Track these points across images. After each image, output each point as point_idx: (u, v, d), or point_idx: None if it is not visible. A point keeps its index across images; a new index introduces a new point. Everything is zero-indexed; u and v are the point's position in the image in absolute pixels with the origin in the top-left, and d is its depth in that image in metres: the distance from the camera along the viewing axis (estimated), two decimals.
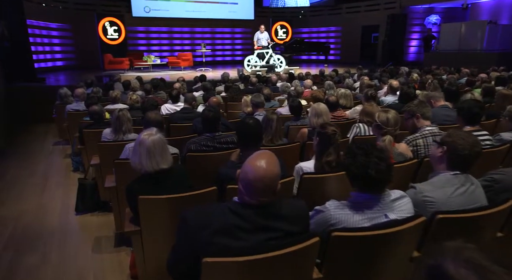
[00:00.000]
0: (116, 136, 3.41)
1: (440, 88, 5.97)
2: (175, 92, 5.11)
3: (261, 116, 3.95)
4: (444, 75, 8.69)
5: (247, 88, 7.39)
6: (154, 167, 1.95)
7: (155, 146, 1.95)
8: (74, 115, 5.37)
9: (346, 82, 7.33)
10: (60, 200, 4.07)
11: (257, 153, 1.39)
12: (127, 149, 2.76)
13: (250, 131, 2.15)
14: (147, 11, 15.75)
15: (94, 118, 4.14)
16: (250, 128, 2.15)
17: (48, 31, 13.27)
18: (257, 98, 4.01)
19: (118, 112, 3.30)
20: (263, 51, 12.85)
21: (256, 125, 2.18)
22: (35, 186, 4.52)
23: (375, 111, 3.38)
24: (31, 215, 3.72)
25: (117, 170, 2.72)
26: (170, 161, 2.02)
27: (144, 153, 1.93)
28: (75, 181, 4.64)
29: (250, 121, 2.17)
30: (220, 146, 2.92)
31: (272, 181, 1.32)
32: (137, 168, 1.97)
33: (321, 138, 2.30)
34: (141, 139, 1.95)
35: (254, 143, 2.17)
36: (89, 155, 4.02)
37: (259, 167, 1.31)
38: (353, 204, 1.50)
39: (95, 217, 3.63)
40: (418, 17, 15.56)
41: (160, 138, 1.99)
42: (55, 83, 10.23)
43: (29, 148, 6.21)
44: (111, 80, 8.05)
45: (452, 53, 13.08)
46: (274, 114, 3.06)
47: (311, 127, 3.32)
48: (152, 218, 1.99)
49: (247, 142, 2.16)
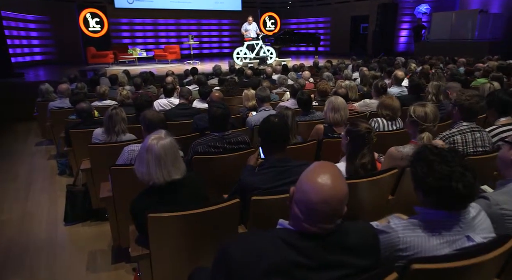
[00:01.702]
0: (108, 137, 3.04)
1: (444, 78, 5.76)
2: (170, 86, 4.73)
3: (267, 111, 3.65)
4: (441, 65, 8.52)
5: (242, 81, 7.04)
6: (165, 178, 1.61)
7: (165, 153, 1.61)
8: (58, 113, 4.93)
9: (345, 74, 7.07)
10: (46, 208, 3.68)
11: (316, 166, 1.08)
12: (125, 153, 2.40)
13: (276, 131, 1.83)
14: (130, 2, 15.09)
15: (82, 117, 3.74)
16: (276, 128, 1.83)
17: (25, 23, 12.52)
18: (262, 92, 3.68)
19: (111, 110, 2.92)
20: (253, 43, 12.46)
21: (283, 125, 1.86)
22: (18, 192, 4.11)
23: (396, 104, 3.13)
24: (14, 227, 3.32)
25: (114, 178, 2.37)
26: (184, 170, 1.69)
27: (153, 162, 1.59)
28: (62, 186, 4.26)
29: (276, 119, 1.85)
30: (230, 147, 2.59)
31: (341, 203, 1.01)
32: (144, 179, 1.63)
33: (353, 137, 2.00)
34: (149, 144, 1.60)
35: (281, 145, 1.86)
36: (78, 158, 3.63)
37: (323, 185, 1.00)
38: (425, 223, 1.20)
39: (87, 228, 3.26)
40: (408, 7, 15.38)
41: (171, 142, 1.65)
42: (34, 79, 9.64)
43: (10, 150, 5.73)
44: (96, 75, 7.56)
45: (444, 42, 12.96)
46: (288, 110, 2.74)
47: (327, 123, 3.02)
48: (163, 239, 1.66)
49: (273, 145, 1.84)
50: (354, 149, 1.99)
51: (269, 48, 12.86)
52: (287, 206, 1.79)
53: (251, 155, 2.64)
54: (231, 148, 2.59)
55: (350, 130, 2.03)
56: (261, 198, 1.71)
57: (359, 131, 1.98)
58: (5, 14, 10.44)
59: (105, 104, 5.06)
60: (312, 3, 18.09)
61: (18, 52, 12.01)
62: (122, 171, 2.33)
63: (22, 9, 12.20)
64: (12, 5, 11.42)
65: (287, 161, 1.84)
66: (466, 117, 2.38)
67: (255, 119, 3.59)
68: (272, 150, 1.84)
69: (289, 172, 1.82)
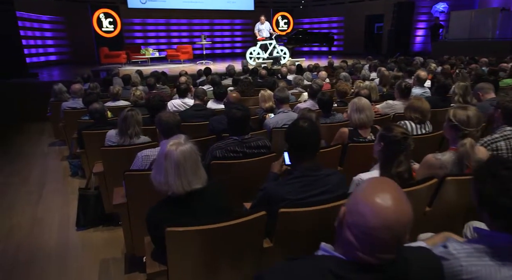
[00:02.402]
0: (122, 140, 2.91)
1: (468, 79, 5.51)
2: (184, 86, 4.60)
3: (286, 113, 3.48)
4: (461, 65, 8.22)
5: (256, 81, 6.88)
6: (185, 188, 1.46)
7: (186, 160, 1.46)
8: (71, 113, 4.84)
9: (362, 74, 6.85)
10: (58, 212, 3.57)
11: (373, 183, 0.90)
12: (139, 158, 2.26)
13: (306, 137, 1.66)
14: (143, 2, 15.08)
15: (95, 118, 3.63)
16: (306, 133, 1.66)
17: (39, 23, 12.60)
18: (281, 92, 3.51)
19: (126, 112, 2.79)
20: (266, 42, 12.29)
21: (313, 130, 1.69)
22: (29, 194, 4.02)
23: (425, 106, 2.93)
24: (24, 232, 3.22)
25: (128, 183, 2.23)
26: (204, 179, 1.54)
27: (172, 170, 1.44)
28: (74, 188, 4.16)
29: (305, 124, 1.68)
30: (250, 151, 2.43)
31: (405, 228, 0.84)
32: (162, 188, 1.48)
33: (387, 143, 1.82)
34: (168, 150, 1.45)
35: (311, 152, 1.69)
36: (91, 161, 3.52)
37: (385, 207, 0.82)
38: (493, 250, 1.02)
39: (99, 233, 3.14)
40: (425, 5, 15.01)
41: (192, 149, 1.50)
42: (48, 79, 9.65)
43: (22, 150, 5.68)
44: (109, 75, 7.49)
45: (462, 42, 12.58)
46: (311, 112, 2.57)
47: (352, 126, 2.84)
48: (183, 254, 1.51)
49: (302, 152, 1.68)
50: (389, 156, 1.81)
51: (282, 48, 12.67)
52: (317, 220, 1.63)
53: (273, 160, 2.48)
54: (251, 152, 2.43)
55: (384, 135, 1.85)
56: (290, 210, 1.55)
57: (395, 136, 1.80)
58: (20, 15, 10.49)
59: (118, 104, 4.97)
60: (325, 3, 17.83)
61: (33, 52, 12.09)
62: (136, 176, 2.20)
63: (37, 9, 12.27)
64: (27, 6, 11.50)
65: (318, 170, 1.67)
66: (510, 121, 2.18)
67: (274, 121, 3.43)
68: (301, 158, 1.67)
69: (320, 182, 1.65)
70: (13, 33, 8.93)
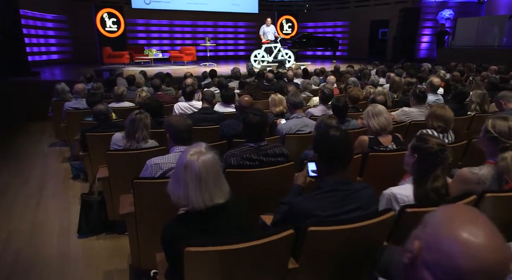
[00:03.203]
0: (128, 143, 2.76)
1: (482, 86, 5.38)
2: (190, 89, 4.45)
3: (300, 119, 3.34)
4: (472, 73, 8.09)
5: (263, 84, 6.75)
6: (206, 202, 1.31)
7: (208, 172, 1.31)
8: (73, 114, 4.70)
9: (371, 79, 6.71)
10: (58, 217, 3.41)
11: (451, 211, 0.75)
12: (149, 167, 2.11)
13: (338, 148, 1.51)
14: (147, 2, 14.98)
15: (99, 119, 3.48)
16: (338, 144, 1.51)
17: (42, 22, 12.48)
18: (295, 97, 3.37)
19: (135, 115, 2.65)
20: (271, 46, 12.15)
21: (346, 140, 1.54)
22: (29, 197, 3.86)
23: (449, 114, 2.80)
24: (23, 238, 3.06)
25: (137, 192, 2.08)
26: (227, 192, 1.39)
27: (193, 183, 1.29)
28: (75, 192, 4.03)
29: (337, 133, 1.53)
30: (267, 159, 2.28)
31: (506, 271, 0.68)
32: (180, 203, 1.33)
33: (423, 156, 1.68)
34: (188, 161, 1.30)
35: (343, 165, 1.54)
36: (94, 164, 3.37)
37: (479, 246, 0.66)
38: None
39: (102, 242, 2.98)
40: (431, 12, 14.93)
41: (214, 159, 1.35)
42: (50, 78, 9.52)
43: (22, 150, 5.53)
44: (112, 75, 7.36)
45: (468, 49, 12.47)
46: (332, 118, 2.43)
47: (371, 133, 2.69)
48: (201, 275, 1.36)
49: (334, 164, 1.53)
50: (425, 169, 1.67)
51: (287, 52, 12.54)
52: (348, 240, 1.48)
53: (291, 169, 2.34)
54: (268, 161, 2.28)
55: (419, 147, 1.71)
56: (321, 229, 1.40)
57: (430, 148, 1.66)
58: (23, 13, 10.37)
59: (123, 105, 4.83)
60: (331, 7, 17.75)
61: (35, 51, 11.96)
62: (146, 185, 2.05)
63: (41, 8, 12.16)
64: (31, 4, 11.38)
65: (350, 184, 1.52)
66: None
67: (287, 127, 3.29)
68: (331, 170, 1.52)
69: (351, 197, 1.50)
70: (16, 31, 8.80)
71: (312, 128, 3.38)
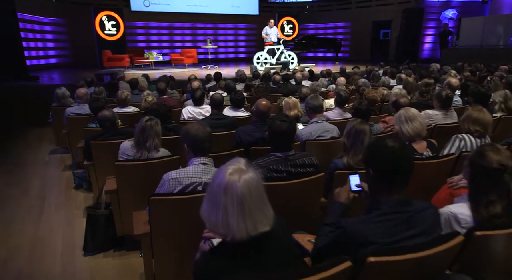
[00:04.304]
0: (138, 153, 2.53)
1: (501, 86, 5.18)
2: (199, 93, 4.22)
3: (320, 123, 3.12)
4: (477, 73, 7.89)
5: (270, 87, 6.52)
6: (249, 231, 1.08)
7: (251, 194, 1.08)
8: (75, 120, 4.47)
9: (382, 81, 6.51)
10: (62, 232, 3.17)
11: None
12: (166, 182, 1.88)
13: (398, 162, 1.28)
14: (146, 5, 14.78)
15: (104, 126, 3.25)
16: (398, 157, 1.27)
17: (41, 25, 12.26)
18: (314, 100, 3.14)
19: (145, 122, 2.42)
20: (274, 47, 11.97)
21: (406, 152, 1.31)
22: (29, 210, 3.62)
23: (487, 118, 2.58)
24: (24, 256, 2.83)
25: (154, 209, 1.85)
26: (271, 218, 1.16)
27: (234, 208, 1.06)
28: (78, 203, 3.80)
29: (396, 144, 1.30)
30: (295, 170, 2.05)
31: None
32: (218, 232, 1.10)
33: (476, 172, 1.45)
34: (228, 182, 1.07)
35: (404, 182, 1.31)
36: (100, 175, 3.14)
37: None
38: None
39: (110, 260, 2.74)
40: (434, 12, 14.77)
41: (258, 178, 1.12)
42: (48, 82, 9.31)
43: (21, 158, 5.28)
44: (114, 79, 7.13)
45: (473, 49, 12.31)
46: (364, 124, 2.20)
47: (404, 139, 2.47)
48: None
49: (394, 180, 1.30)
50: (479, 190, 1.44)
51: (290, 53, 12.36)
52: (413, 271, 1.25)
53: (322, 181, 2.12)
54: (297, 171, 2.05)
55: (474, 161, 1.47)
56: (383, 259, 1.17)
57: (487, 166, 1.41)
58: (20, 16, 10.15)
59: (127, 111, 4.60)
60: (331, 8, 17.59)
61: (33, 55, 11.73)
62: (164, 202, 1.82)
63: (38, 11, 11.94)
64: (28, 7, 11.16)
65: (410, 204, 1.30)
66: None
67: (306, 132, 3.06)
68: (390, 188, 1.30)
69: (415, 219, 1.27)
70: (14, 34, 8.58)
71: (334, 133, 3.17)
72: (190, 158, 1.97)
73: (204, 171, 1.91)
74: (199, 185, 1.90)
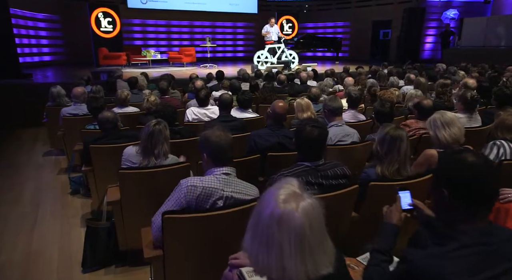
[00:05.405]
0: (145, 161, 2.28)
1: None
2: (204, 92, 3.97)
3: (340, 127, 2.89)
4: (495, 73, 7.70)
5: (275, 86, 6.28)
6: (310, 276, 0.84)
7: (311, 228, 0.84)
8: (72, 121, 4.20)
9: (390, 81, 6.29)
10: (58, 244, 2.91)
11: None
12: (184, 188, 1.63)
13: (481, 179, 1.03)
14: (143, 2, 14.45)
15: (105, 128, 2.99)
16: (483, 176, 1.02)
17: (34, 22, 11.88)
18: (333, 102, 2.90)
19: (153, 126, 2.17)
20: (275, 46, 11.71)
21: (492, 169, 1.08)
22: (22, 218, 3.35)
23: None
24: (16, 272, 2.56)
25: (168, 229, 1.60)
26: (333, 255, 0.92)
27: (292, 246, 0.82)
28: (75, 210, 3.54)
29: (475, 158, 1.05)
30: (327, 182, 1.81)
31: None
32: (269, 274, 0.86)
33: None
34: (283, 212, 0.82)
35: (491, 204, 1.08)
36: (100, 182, 2.88)
37: None
38: None
39: (112, 277, 2.48)
40: (435, 12, 14.61)
41: (317, 205, 0.88)
42: (42, 80, 8.96)
43: (13, 161, 4.99)
44: (111, 77, 6.83)
45: (476, 49, 12.16)
46: (401, 130, 1.97)
47: (439, 146, 2.24)
48: None
49: (477, 204, 1.05)
50: None
51: (291, 52, 12.11)
52: None
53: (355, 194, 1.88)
54: (329, 184, 1.81)
55: None
56: None
57: None
58: (13, 12, 9.78)
59: (126, 111, 4.34)
60: (331, 7, 17.37)
61: (26, 52, 11.36)
62: (179, 221, 1.57)
63: (32, 7, 11.57)
64: (22, 3, 10.79)
65: (493, 233, 1.06)
66: None
67: None
68: (471, 214, 1.05)
69: (501, 252, 1.03)
70: (6, 30, 8.24)
71: (354, 137, 2.94)
72: (210, 167, 1.72)
73: (226, 182, 1.67)
74: (220, 199, 1.65)
